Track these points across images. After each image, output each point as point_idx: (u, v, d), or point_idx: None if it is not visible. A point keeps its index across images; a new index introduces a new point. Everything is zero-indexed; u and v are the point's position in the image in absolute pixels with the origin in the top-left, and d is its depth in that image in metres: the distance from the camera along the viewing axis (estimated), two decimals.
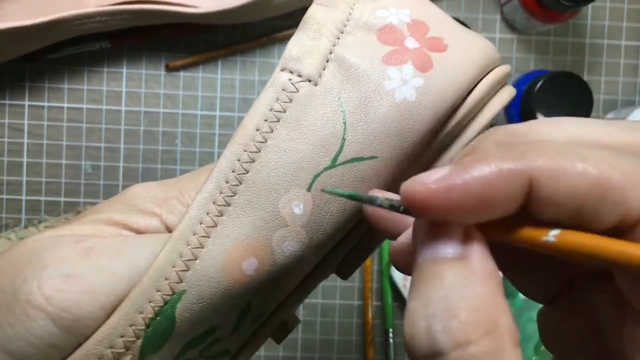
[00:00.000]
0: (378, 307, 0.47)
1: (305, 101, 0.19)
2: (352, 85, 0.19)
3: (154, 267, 0.18)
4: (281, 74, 0.20)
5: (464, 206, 0.14)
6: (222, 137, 0.46)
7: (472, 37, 0.22)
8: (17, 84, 0.45)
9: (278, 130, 0.19)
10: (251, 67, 0.46)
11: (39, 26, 0.38)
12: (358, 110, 0.19)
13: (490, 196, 0.14)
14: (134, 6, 0.40)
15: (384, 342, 0.47)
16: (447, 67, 0.20)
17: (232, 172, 0.19)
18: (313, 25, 0.21)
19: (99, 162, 0.45)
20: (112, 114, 0.45)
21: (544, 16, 0.44)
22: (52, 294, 0.17)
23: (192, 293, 0.18)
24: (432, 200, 0.14)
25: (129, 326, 0.17)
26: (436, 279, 0.14)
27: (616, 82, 0.48)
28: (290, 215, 0.19)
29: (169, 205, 0.20)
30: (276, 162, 0.19)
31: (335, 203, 0.19)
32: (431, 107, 0.19)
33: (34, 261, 0.17)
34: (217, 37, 0.46)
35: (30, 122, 0.45)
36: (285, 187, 0.19)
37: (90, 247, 0.18)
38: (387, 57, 0.20)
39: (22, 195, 0.45)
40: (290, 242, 0.19)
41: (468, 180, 0.14)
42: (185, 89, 0.46)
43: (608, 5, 0.48)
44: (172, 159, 0.46)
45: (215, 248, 0.18)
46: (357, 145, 0.19)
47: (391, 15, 0.21)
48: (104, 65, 0.45)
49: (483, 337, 0.13)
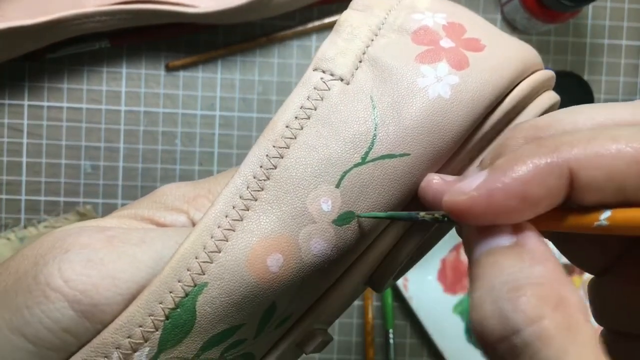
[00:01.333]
0: (378, 307, 0.47)
1: (336, 99, 0.19)
2: (385, 83, 0.19)
3: (176, 257, 0.17)
4: (313, 73, 0.20)
5: (508, 208, 0.14)
6: (222, 137, 0.46)
7: (510, 39, 0.21)
8: (16, 83, 0.45)
9: (308, 127, 0.19)
10: (251, 67, 0.46)
11: (39, 26, 0.38)
12: (390, 107, 0.19)
13: (532, 194, 0.14)
14: (134, 6, 0.40)
15: (384, 342, 0.47)
16: (484, 66, 0.19)
17: (260, 168, 0.18)
18: (347, 27, 0.21)
19: (99, 162, 0.45)
20: (111, 113, 0.45)
21: (544, 16, 0.44)
22: (72, 277, 0.16)
23: (214, 286, 0.17)
24: (475, 207, 0.14)
25: (148, 316, 0.17)
26: (495, 266, 0.14)
27: (617, 81, 0.48)
28: (318, 211, 0.18)
29: (197, 202, 0.20)
30: (305, 158, 0.18)
31: (365, 201, 0.19)
32: (466, 105, 0.19)
33: (57, 246, 0.17)
34: (217, 37, 0.46)
35: (30, 122, 0.45)
36: (313, 183, 0.18)
37: (114, 235, 0.18)
38: (421, 56, 0.20)
39: (21, 195, 0.45)
40: (317, 239, 0.18)
41: (508, 182, 0.14)
42: (185, 89, 0.46)
43: (609, 5, 0.48)
44: (172, 159, 0.46)
45: (239, 242, 0.18)
46: (388, 142, 0.19)
47: (427, 18, 0.21)
48: (104, 65, 0.45)
49: (554, 310, 0.13)
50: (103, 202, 0.45)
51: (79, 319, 0.16)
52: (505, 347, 0.13)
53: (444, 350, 0.45)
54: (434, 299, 0.46)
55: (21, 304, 0.16)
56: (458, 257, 0.46)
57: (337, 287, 0.21)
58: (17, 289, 0.17)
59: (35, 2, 0.41)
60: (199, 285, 0.17)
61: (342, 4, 0.46)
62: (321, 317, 0.21)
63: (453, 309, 0.46)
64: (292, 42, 0.46)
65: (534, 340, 0.13)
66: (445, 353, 0.45)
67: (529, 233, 0.15)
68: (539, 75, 0.21)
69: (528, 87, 0.20)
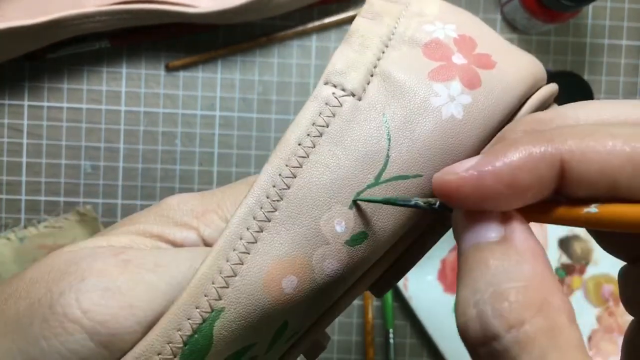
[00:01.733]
0: (378, 307, 0.47)
1: (349, 116, 0.19)
2: (397, 101, 0.19)
3: (193, 283, 0.17)
4: (324, 87, 0.19)
5: (496, 192, 0.14)
6: (222, 137, 0.46)
7: (519, 54, 0.21)
8: (16, 83, 0.45)
9: (321, 145, 0.19)
10: (251, 67, 0.46)
11: (39, 26, 0.38)
12: (403, 126, 0.19)
13: (522, 181, 0.14)
14: (134, 6, 0.40)
15: (384, 342, 0.47)
16: (495, 85, 0.19)
17: (273, 187, 0.18)
18: (357, 38, 0.20)
19: (99, 162, 0.45)
20: (111, 113, 0.45)
21: (544, 16, 0.44)
22: (90, 308, 0.16)
23: (231, 311, 0.17)
24: (463, 188, 0.14)
25: (167, 343, 0.17)
26: (480, 265, 0.14)
27: (617, 81, 0.48)
28: (332, 233, 0.18)
29: (207, 218, 0.20)
30: (318, 179, 0.18)
31: (377, 222, 0.19)
32: (478, 125, 0.19)
33: (71, 272, 0.17)
34: (217, 37, 0.46)
35: (30, 122, 0.45)
36: (327, 204, 0.18)
37: (129, 259, 0.18)
38: (434, 73, 0.19)
39: (21, 195, 0.45)
40: (330, 260, 0.18)
41: (498, 166, 0.14)
42: (185, 89, 0.46)
43: (609, 5, 0.48)
44: (172, 159, 0.46)
45: (255, 265, 0.18)
46: (402, 163, 0.18)
47: (437, 30, 0.20)
48: (104, 65, 0.45)
49: (536, 315, 0.13)
50: (103, 202, 0.45)
51: (97, 349, 0.16)
52: (486, 351, 0.13)
53: (444, 350, 0.45)
54: (434, 299, 0.46)
55: (37, 334, 0.16)
56: None
57: (344, 299, 0.21)
58: (31, 317, 0.16)
59: (35, 2, 0.41)
60: (216, 310, 0.17)
61: (342, 4, 0.46)
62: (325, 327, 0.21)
63: (453, 309, 0.46)
64: (292, 42, 0.46)
65: (513, 345, 0.13)
66: (445, 353, 0.45)
67: (518, 226, 0.15)
68: (545, 91, 0.21)
69: (537, 103, 0.20)
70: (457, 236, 0.15)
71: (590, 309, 0.47)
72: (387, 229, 0.19)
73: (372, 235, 0.19)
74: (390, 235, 0.19)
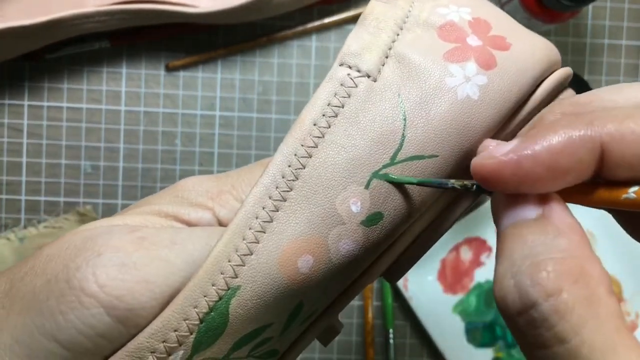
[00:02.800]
0: (378, 307, 0.47)
1: (364, 97, 0.19)
2: (413, 82, 0.19)
3: (210, 261, 0.17)
4: (339, 68, 0.20)
5: (535, 176, 0.14)
6: (222, 137, 0.46)
7: (534, 37, 0.21)
8: (16, 83, 0.45)
9: (336, 126, 0.19)
10: (251, 67, 0.46)
11: (39, 26, 0.38)
12: (418, 107, 0.19)
13: (561, 164, 0.14)
14: (133, 6, 0.40)
15: (384, 342, 0.47)
16: (511, 66, 0.20)
17: (288, 167, 0.18)
18: (372, 21, 0.20)
19: (99, 162, 0.45)
20: (111, 113, 0.45)
21: (544, 16, 0.44)
22: (107, 282, 0.16)
23: (247, 289, 0.17)
24: (502, 172, 0.14)
25: (183, 320, 0.17)
26: (518, 241, 0.14)
27: (617, 81, 0.48)
28: (348, 213, 0.18)
29: (222, 199, 0.20)
30: (334, 158, 0.18)
31: (393, 202, 0.19)
32: (494, 106, 0.19)
33: (88, 248, 0.17)
34: (217, 37, 0.46)
35: (30, 122, 0.45)
36: (342, 184, 0.18)
37: (144, 236, 0.18)
38: (449, 54, 0.19)
39: (21, 195, 0.45)
40: (346, 240, 0.18)
41: (537, 149, 0.14)
42: (185, 89, 0.46)
43: (609, 5, 0.48)
44: (172, 159, 0.46)
45: (271, 244, 0.18)
46: (418, 143, 0.19)
47: (452, 12, 0.21)
48: (104, 65, 0.45)
49: (574, 284, 0.13)
50: (103, 202, 0.45)
51: (114, 324, 0.16)
52: (525, 320, 0.13)
53: (444, 350, 0.45)
54: (434, 299, 0.46)
55: (54, 308, 0.16)
56: (458, 257, 0.46)
57: (359, 282, 0.21)
58: (48, 293, 0.17)
59: (35, 2, 0.41)
60: (232, 288, 0.17)
61: (342, 4, 0.46)
62: (340, 310, 0.21)
63: (453, 309, 0.46)
64: (292, 42, 0.46)
65: (551, 313, 0.13)
66: (445, 353, 0.45)
67: (555, 205, 0.15)
68: (561, 73, 0.21)
69: (552, 85, 0.20)
70: (496, 217, 0.16)
71: None
72: (403, 209, 0.19)
73: (388, 215, 0.19)
74: (407, 216, 0.19)
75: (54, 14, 0.38)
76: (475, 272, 0.46)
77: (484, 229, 0.46)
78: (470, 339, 0.46)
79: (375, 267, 0.21)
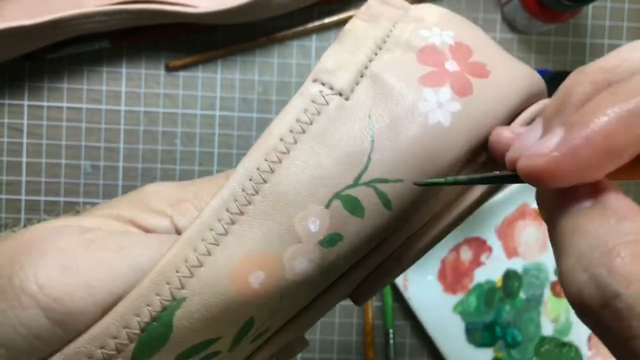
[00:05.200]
0: (378, 307, 0.47)
1: (334, 115, 0.19)
2: (385, 103, 0.19)
3: (156, 270, 0.17)
4: (312, 84, 0.19)
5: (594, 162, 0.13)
6: (222, 137, 0.46)
7: (516, 66, 0.21)
8: (16, 83, 0.45)
9: (302, 142, 0.18)
10: (251, 67, 0.46)
11: (39, 26, 0.38)
12: (388, 129, 0.18)
13: (618, 144, 0.13)
14: (134, 6, 0.40)
15: (384, 342, 0.47)
16: (488, 94, 0.19)
17: (249, 181, 0.18)
18: (351, 39, 0.20)
19: (99, 162, 0.45)
20: (111, 113, 0.45)
21: (544, 16, 0.44)
22: (47, 283, 0.16)
23: (194, 301, 0.17)
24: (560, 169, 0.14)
25: (123, 328, 0.17)
26: (579, 231, 0.14)
27: None
28: (306, 232, 0.18)
29: (182, 207, 0.19)
30: (297, 175, 0.18)
31: (353, 224, 0.18)
32: (466, 133, 0.19)
33: (34, 247, 0.17)
34: (217, 37, 0.46)
35: (30, 122, 0.45)
36: (303, 202, 0.18)
37: (93, 239, 0.17)
38: (425, 78, 0.19)
39: (21, 195, 0.45)
40: (301, 259, 0.18)
41: (590, 135, 0.13)
42: (185, 89, 0.46)
43: (609, 5, 0.48)
44: (172, 159, 0.46)
45: (222, 257, 0.17)
46: (383, 166, 0.18)
47: (434, 35, 0.20)
48: (104, 65, 0.45)
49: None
50: (103, 202, 0.45)
51: (51, 327, 0.16)
52: (609, 313, 0.13)
53: (444, 350, 0.45)
54: (434, 299, 0.46)
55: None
56: (458, 257, 0.46)
57: (317, 302, 0.20)
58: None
59: (35, 2, 0.41)
60: (177, 299, 0.17)
61: (342, 4, 0.46)
62: (299, 329, 0.21)
63: (453, 309, 0.46)
64: (292, 42, 0.46)
65: (636, 300, 0.12)
66: (445, 353, 0.45)
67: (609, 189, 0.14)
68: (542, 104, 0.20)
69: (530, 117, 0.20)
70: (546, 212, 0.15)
71: None
72: (365, 232, 0.18)
73: (348, 237, 0.18)
74: (368, 239, 0.19)
75: (54, 14, 0.38)
76: (475, 272, 0.46)
77: (484, 229, 0.46)
78: (470, 339, 0.46)
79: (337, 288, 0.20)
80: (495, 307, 0.46)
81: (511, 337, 0.46)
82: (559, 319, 0.46)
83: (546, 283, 0.47)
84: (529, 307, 0.46)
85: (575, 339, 0.46)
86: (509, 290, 0.46)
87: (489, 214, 0.46)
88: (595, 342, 0.46)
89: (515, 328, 0.46)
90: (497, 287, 0.46)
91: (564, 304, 0.47)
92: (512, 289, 0.46)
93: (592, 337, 0.46)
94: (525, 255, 0.46)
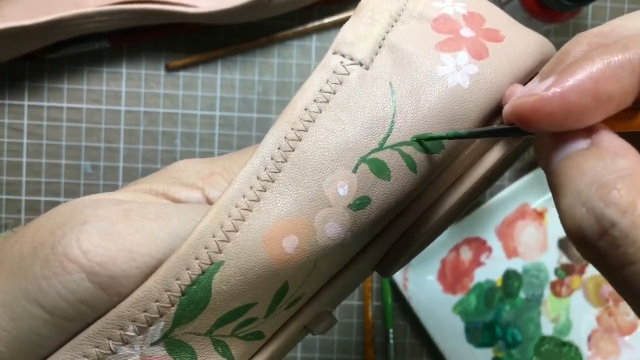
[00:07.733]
0: (378, 307, 0.47)
1: (355, 84, 0.19)
2: (404, 70, 0.19)
3: (194, 235, 0.17)
4: (333, 57, 0.20)
5: (581, 107, 0.14)
6: (222, 137, 0.46)
7: (528, 32, 0.21)
8: (16, 83, 0.45)
9: (326, 111, 0.19)
10: (251, 67, 0.46)
11: (39, 26, 0.38)
12: (409, 94, 0.19)
13: (605, 90, 0.14)
14: (134, 6, 0.40)
15: (384, 342, 0.47)
16: (503, 57, 0.20)
17: (277, 149, 0.19)
18: (367, 12, 0.21)
19: (99, 162, 0.45)
20: (111, 113, 0.45)
21: (544, 16, 0.44)
22: (89, 249, 0.16)
23: (231, 265, 0.18)
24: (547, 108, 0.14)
25: (165, 291, 0.17)
26: (576, 171, 0.14)
27: None
28: (334, 195, 0.18)
29: (212, 179, 0.20)
30: (323, 142, 0.19)
31: (380, 187, 0.19)
32: (485, 95, 0.19)
33: (74, 217, 0.17)
34: (217, 37, 0.46)
35: (30, 122, 0.45)
36: (330, 167, 0.18)
37: (130, 208, 0.18)
38: (441, 44, 0.20)
39: (21, 195, 0.45)
40: (332, 223, 0.18)
41: (580, 79, 0.14)
42: (185, 89, 0.46)
43: (608, 5, 0.48)
44: (172, 159, 0.46)
45: (256, 222, 0.18)
46: (406, 129, 0.19)
47: (447, 6, 0.21)
48: (104, 65, 0.45)
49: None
50: None
51: (96, 291, 0.17)
52: (606, 242, 0.13)
53: (444, 350, 0.45)
54: (433, 298, 0.46)
55: (38, 273, 0.17)
56: (458, 257, 0.46)
57: (348, 271, 0.21)
58: (33, 259, 0.17)
59: (35, 2, 0.41)
60: (215, 263, 0.17)
61: (342, 4, 0.46)
62: (330, 299, 0.21)
63: (453, 309, 0.46)
64: (292, 42, 0.46)
65: (631, 228, 0.13)
66: (445, 353, 0.45)
67: (603, 131, 0.15)
68: None
69: None
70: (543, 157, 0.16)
71: (590, 309, 0.47)
72: (392, 195, 0.19)
73: (375, 200, 0.19)
74: (395, 202, 0.19)
75: (54, 14, 0.38)
76: (475, 272, 0.46)
77: (484, 229, 0.46)
78: (470, 339, 0.46)
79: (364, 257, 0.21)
80: (495, 307, 0.46)
81: (511, 337, 0.46)
82: (558, 318, 0.46)
83: (546, 283, 0.47)
84: (529, 307, 0.46)
85: (575, 339, 0.46)
86: (509, 290, 0.46)
87: (489, 214, 0.46)
88: (595, 342, 0.46)
89: (515, 328, 0.46)
90: (497, 287, 0.46)
91: (564, 303, 0.47)
92: (512, 288, 0.46)
93: (592, 337, 0.46)
94: (525, 255, 0.47)
